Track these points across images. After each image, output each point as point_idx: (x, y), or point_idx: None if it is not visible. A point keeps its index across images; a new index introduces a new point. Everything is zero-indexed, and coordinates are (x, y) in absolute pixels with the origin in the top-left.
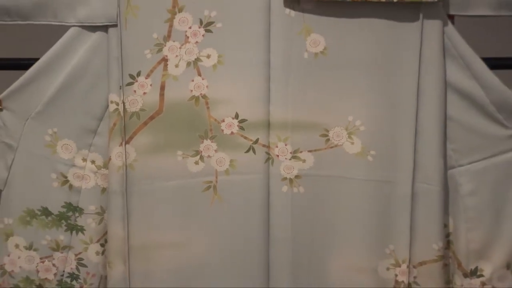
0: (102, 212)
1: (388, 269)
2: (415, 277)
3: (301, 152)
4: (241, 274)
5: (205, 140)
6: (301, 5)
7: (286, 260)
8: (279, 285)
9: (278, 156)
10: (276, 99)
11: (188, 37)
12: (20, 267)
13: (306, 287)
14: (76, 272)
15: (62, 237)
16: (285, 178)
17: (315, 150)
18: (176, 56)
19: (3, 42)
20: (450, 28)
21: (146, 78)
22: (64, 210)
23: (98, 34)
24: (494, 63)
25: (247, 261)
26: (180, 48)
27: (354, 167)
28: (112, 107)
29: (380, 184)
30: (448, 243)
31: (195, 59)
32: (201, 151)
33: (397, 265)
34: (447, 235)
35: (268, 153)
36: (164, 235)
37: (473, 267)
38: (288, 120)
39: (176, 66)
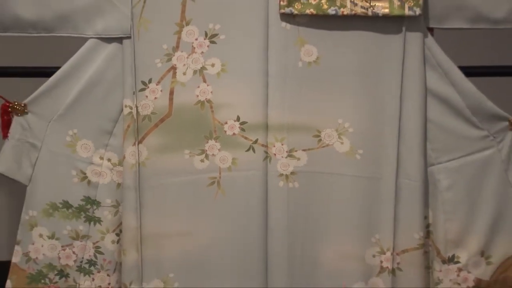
0: (117, 205)
1: (374, 256)
2: (398, 263)
3: (296, 151)
4: (241, 260)
5: (209, 140)
6: (296, 19)
7: (282, 247)
8: (276, 270)
9: (275, 154)
10: (273, 103)
11: (194, 47)
12: (43, 254)
13: (300, 272)
14: (94, 259)
15: (81, 227)
16: (282, 175)
17: (308, 149)
18: (184, 65)
19: (28, 52)
20: (430, 40)
21: (156, 85)
22: (83, 203)
23: (114, 45)
24: (470, 71)
25: (247, 248)
26: (187, 57)
27: (344, 164)
28: (126, 110)
29: (366, 180)
30: (428, 233)
31: (201, 67)
32: (206, 150)
33: (382, 252)
34: (427, 225)
35: (266, 152)
36: (173, 225)
37: (450, 255)
38: (284, 123)
39: (184, 73)
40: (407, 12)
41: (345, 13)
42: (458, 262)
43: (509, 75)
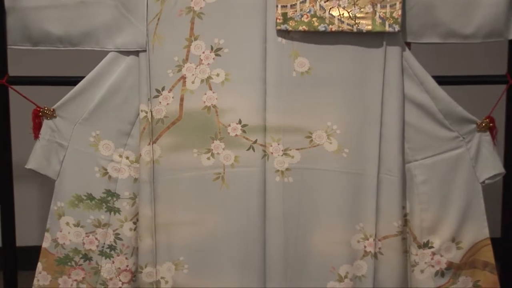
0: (134, 197)
1: (358, 241)
2: (380, 248)
3: (290, 150)
4: (243, 245)
5: (215, 141)
6: (291, 35)
7: (279, 234)
8: (274, 254)
9: (272, 153)
10: (270, 108)
11: (201, 59)
12: (69, 240)
13: (294, 255)
14: (114, 244)
15: (103, 216)
16: (278, 171)
17: (301, 149)
18: (193, 74)
19: (56, 64)
20: (407, 53)
21: (168, 92)
22: (105, 195)
23: (131, 58)
24: (442, 80)
25: (248, 235)
26: (195, 68)
27: (332, 161)
28: (142, 114)
29: (352, 175)
30: (405, 221)
31: (207, 77)
32: (212, 149)
33: (366, 238)
34: (405, 215)
35: (264, 151)
36: (183, 215)
37: (425, 240)
38: (280, 125)
39: (193, 82)
40: (387, 28)
41: (333, 29)
42: (432, 247)
43: (476, 83)
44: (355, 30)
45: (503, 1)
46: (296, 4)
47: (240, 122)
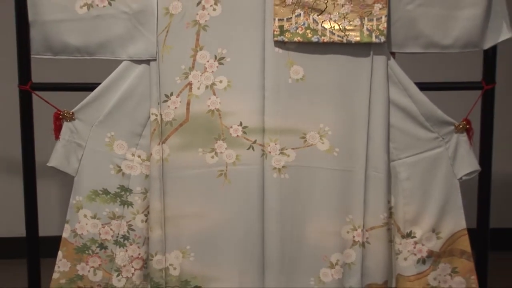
0: (145, 192)
1: (348, 232)
2: (367, 238)
3: (286, 149)
4: (243, 235)
5: (218, 141)
6: (287, 45)
7: (276, 225)
8: (271, 244)
9: (270, 152)
10: (268, 111)
11: (206, 68)
12: (87, 230)
13: (290, 245)
14: (127, 234)
15: (117, 209)
16: (275, 168)
17: (296, 148)
18: (198, 81)
19: (74, 71)
20: (392, 62)
21: (176, 97)
22: (119, 190)
23: (143, 66)
24: (423, 86)
25: (248, 226)
26: (200, 75)
27: (324, 160)
28: (152, 117)
29: (342, 172)
30: (390, 214)
31: (211, 83)
32: (216, 149)
33: (354, 229)
34: (390, 208)
35: (263, 150)
36: (189, 208)
37: (408, 231)
38: (277, 127)
39: (198, 88)
40: (374, 39)
41: (325, 40)
42: (414, 237)
43: (454, 89)
44: (345, 41)
45: (478, 16)
46: (291, 17)
47: (241, 124)
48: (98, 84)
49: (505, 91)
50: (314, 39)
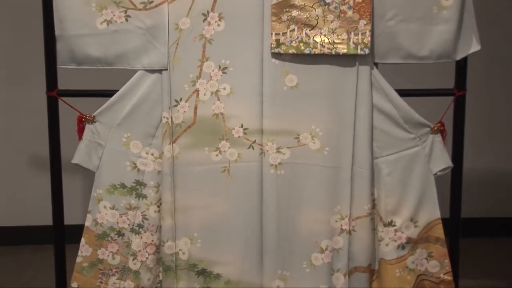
0: (158, 186)
1: (336, 221)
2: (353, 226)
3: (282, 148)
4: (244, 224)
5: (222, 141)
6: (282, 57)
7: (273, 215)
8: (269, 232)
9: (267, 151)
10: (266, 115)
11: (211, 76)
12: (106, 220)
13: (285, 233)
14: (142, 223)
15: (133, 201)
16: (272, 165)
17: (291, 147)
18: (204, 88)
19: (95, 79)
20: (375, 71)
21: (185, 102)
22: (134, 184)
23: (155, 75)
24: (403, 92)
25: (248, 215)
26: (206, 83)
27: (315, 158)
28: (164, 120)
29: (331, 168)
30: (374, 205)
31: (216, 90)
32: (220, 148)
33: (342, 218)
34: (373, 200)
35: (261, 149)
36: (196, 200)
37: (389, 220)
38: (274, 128)
39: (204, 94)
40: (359, 51)
41: (316, 52)
42: (394, 225)
43: (430, 95)
44: (333, 53)
45: (451, 31)
46: (286, 32)
47: (242, 126)
48: (116, 91)
49: (475, 96)
50: (307, 51)
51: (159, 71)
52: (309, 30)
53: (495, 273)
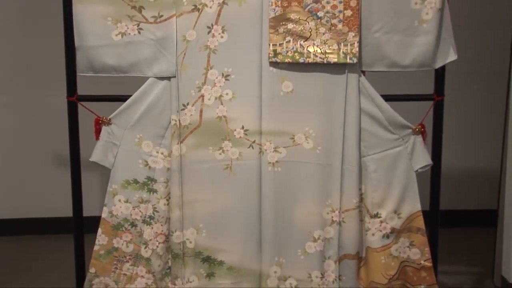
0: (167, 181)
1: (327, 213)
2: (343, 218)
3: (279, 148)
4: (245, 216)
5: (225, 141)
6: (279, 65)
7: (270, 208)
8: (267, 223)
9: (266, 150)
10: (265, 118)
11: (215, 83)
12: (121, 212)
13: (281, 224)
14: (153, 215)
15: (145, 195)
16: (270, 163)
17: (287, 147)
18: (209, 94)
19: (111, 86)
20: (363, 78)
21: (192, 106)
22: (146, 180)
23: (165, 82)
24: (387, 97)
25: (248, 208)
26: (211, 89)
27: (309, 156)
28: (172, 122)
29: (323, 166)
30: (361, 199)
31: (219, 95)
32: (223, 147)
33: (333, 211)
34: (361, 194)
35: (260, 149)
36: (202, 195)
37: (375, 212)
38: (272, 130)
39: (209, 99)
40: (348, 61)
41: (309, 61)
42: (380, 217)
43: (412, 100)
44: (325, 61)
45: (431, 42)
46: (283, 43)
47: (243, 127)
48: (130, 96)
49: (452, 101)
50: (301, 60)
51: (168, 78)
52: (303, 41)
53: (470, 260)
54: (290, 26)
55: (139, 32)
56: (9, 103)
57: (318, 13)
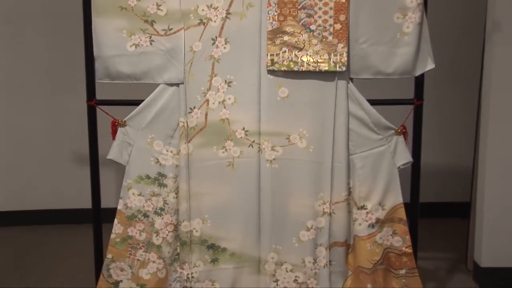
0: (176, 177)
1: (319, 205)
2: (333, 210)
3: (276, 147)
4: (245, 208)
5: (227, 141)
6: (276, 73)
7: (268, 201)
8: (265, 214)
9: (264, 149)
10: (263, 120)
11: (219, 89)
12: (135, 204)
13: (278, 214)
14: (163, 207)
15: (156, 189)
16: (268, 160)
17: (283, 146)
18: (213, 98)
19: (126, 91)
20: (351, 84)
21: (198, 110)
22: (157, 175)
23: (174, 88)
24: (373, 102)
25: (248, 201)
26: (215, 94)
27: (303, 154)
28: (181, 124)
29: (315, 163)
30: (349, 193)
31: (223, 100)
32: (226, 146)
33: (324, 203)
34: (349, 188)
35: (259, 147)
36: (207, 188)
37: (362, 204)
38: (269, 131)
39: (213, 103)
40: (338, 69)
41: (303, 69)
42: (366, 208)
43: (394, 104)
44: (317, 70)
45: (411, 53)
46: (279, 53)
47: (243, 129)
48: (142, 100)
49: (430, 105)
50: (296, 68)
51: (177, 84)
52: (298, 52)
53: (446, 247)
54: (285, 38)
55: (151, 44)
56: (37, 107)
57: (310, 27)
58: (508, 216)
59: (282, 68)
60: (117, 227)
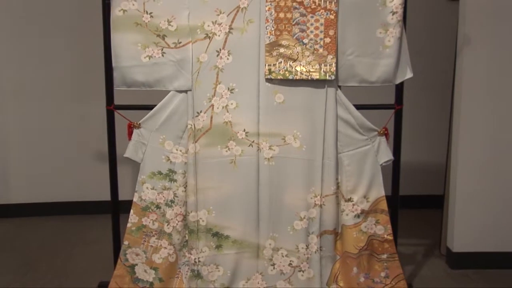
0: (184, 173)
1: (311, 198)
2: (323, 202)
3: (273, 146)
4: (246, 201)
5: (230, 141)
6: (273, 81)
7: (266, 194)
8: (263, 206)
9: (263, 148)
10: (262, 123)
11: (222, 95)
12: (148, 197)
13: (275, 207)
14: (173, 199)
15: (167, 184)
16: (266, 158)
17: (279, 146)
18: (217, 103)
19: (141, 97)
20: (339, 91)
21: (204, 113)
22: (168, 172)
23: (183, 94)
24: (358, 106)
25: (248, 194)
26: (219, 100)
27: (296, 153)
28: (189, 126)
29: (308, 160)
30: (338, 187)
31: (226, 105)
32: (228, 146)
33: (315, 196)
34: (337, 183)
35: (258, 147)
36: (212, 183)
37: (348, 197)
38: (267, 132)
39: (217, 108)
40: (327, 77)
41: (297, 78)
42: (352, 201)
43: (377, 108)
44: (309, 78)
45: (392, 63)
46: (276, 63)
47: (244, 130)
48: (155, 105)
49: (409, 109)
50: (290, 77)
51: (185, 91)
52: (292, 62)
53: (422, 234)
54: (281, 50)
55: (162, 55)
56: (62, 111)
57: (303, 40)
58: (476, 206)
59: (279, 77)
60: (132, 217)
